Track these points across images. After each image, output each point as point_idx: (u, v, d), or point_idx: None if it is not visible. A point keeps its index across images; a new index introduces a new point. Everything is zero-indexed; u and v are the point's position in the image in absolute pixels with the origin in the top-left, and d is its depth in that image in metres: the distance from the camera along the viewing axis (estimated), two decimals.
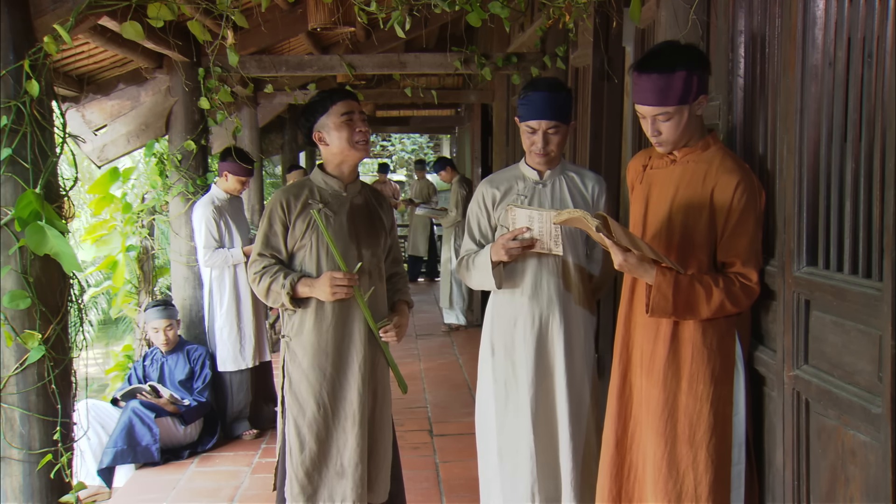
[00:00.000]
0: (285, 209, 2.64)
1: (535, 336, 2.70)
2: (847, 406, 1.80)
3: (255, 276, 2.64)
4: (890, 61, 1.62)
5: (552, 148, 2.69)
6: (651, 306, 2.12)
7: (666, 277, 2.10)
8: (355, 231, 2.69)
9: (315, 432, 2.63)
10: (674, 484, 2.15)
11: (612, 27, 3.94)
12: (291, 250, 2.67)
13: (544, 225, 2.58)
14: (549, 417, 2.71)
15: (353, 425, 2.64)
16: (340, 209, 2.69)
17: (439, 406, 5.26)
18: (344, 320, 2.65)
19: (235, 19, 3.44)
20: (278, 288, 2.59)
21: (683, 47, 2.18)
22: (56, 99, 2.98)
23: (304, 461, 2.63)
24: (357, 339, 2.66)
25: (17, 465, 2.80)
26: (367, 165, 22.23)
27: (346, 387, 2.65)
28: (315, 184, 2.72)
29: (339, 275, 2.56)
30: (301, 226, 2.64)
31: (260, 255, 2.66)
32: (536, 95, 2.64)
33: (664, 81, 2.08)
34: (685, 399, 2.16)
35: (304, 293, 2.61)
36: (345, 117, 2.63)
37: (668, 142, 2.19)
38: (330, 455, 2.64)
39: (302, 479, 2.62)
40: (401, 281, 2.95)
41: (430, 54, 5.62)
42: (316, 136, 2.67)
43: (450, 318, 7.87)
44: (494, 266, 2.67)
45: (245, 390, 4.67)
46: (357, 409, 2.64)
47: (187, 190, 4.91)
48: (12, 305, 2.72)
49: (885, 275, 1.63)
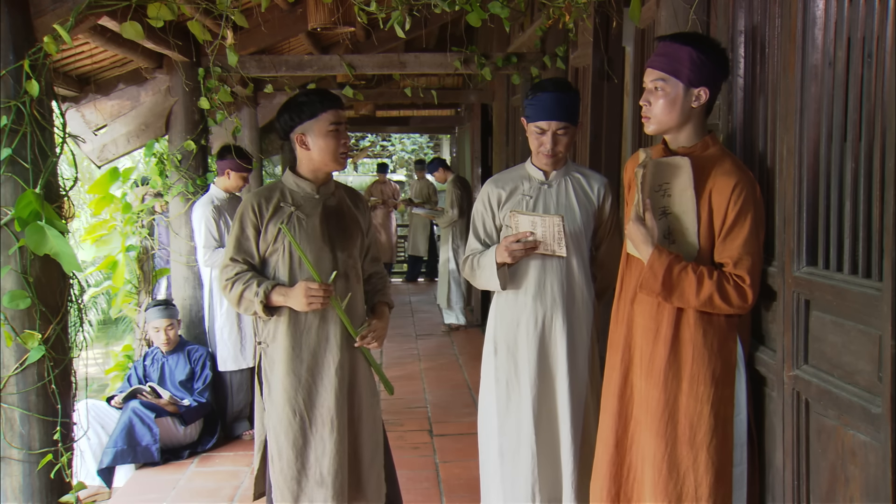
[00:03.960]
0: (257, 212, 2.57)
1: (537, 336, 2.70)
2: (847, 406, 1.80)
3: (227, 283, 2.57)
4: (890, 61, 1.62)
5: (560, 149, 2.70)
6: (640, 283, 2.17)
7: (661, 258, 2.13)
8: (329, 234, 2.63)
9: (292, 440, 2.57)
10: (674, 485, 2.15)
11: (612, 27, 3.94)
12: (263, 255, 2.61)
13: (547, 229, 2.59)
14: (550, 418, 2.71)
15: (332, 432, 2.58)
16: (313, 212, 2.63)
17: (439, 406, 5.26)
18: (319, 325, 2.60)
19: (235, 19, 3.44)
20: (251, 296, 2.52)
21: (710, 39, 2.23)
22: (56, 99, 2.98)
23: (283, 469, 2.58)
24: (333, 344, 2.61)
25: (17, 465, 2.80)
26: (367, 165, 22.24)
27: (322, 393, 2.59)
28: (287, 186, 2.65)
29: (315, 285, 2.50)
30: (273, 230, 2.57)
31: (232, 259, 2.59)
32: (546, 96, 2.64)
33: (674, 49, 2.14)
34: (686, 400, 2.16)
35: (278, 302, 2.54)
36: (333, 127, 2.56)
37: (654, 118, 2.20)
38: (309, 463, 2.58)
39: (282, 487, 2.58)
40: (380, 281, 2.88)
41: (430, 54, 5.62)
42: (297, 137, 2.58)
43: (450, 318, 7.87)
44: (499, 268, 2.67)
45: (245, 390, 4.67)
46: (335, 416, 2.58)
47: (187, 190, 4.91)
48: (12, 305, 2.72)
49: (885, 275, 1.63)
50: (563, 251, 2.61)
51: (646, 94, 2.21)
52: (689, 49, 2.12)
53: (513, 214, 2.66)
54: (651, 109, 2.19)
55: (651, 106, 2.19)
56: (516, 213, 2.65)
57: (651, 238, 2.16)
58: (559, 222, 2.59)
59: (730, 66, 2.26)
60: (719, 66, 2.17)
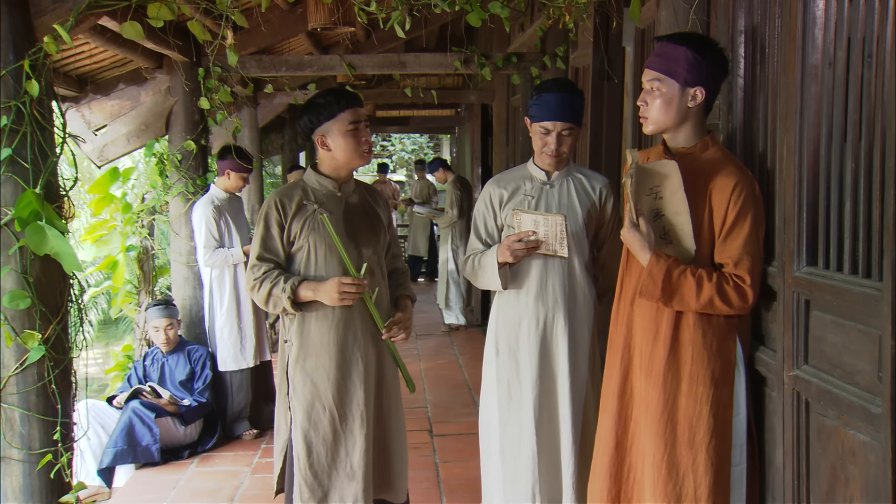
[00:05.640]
0: (281, 211, 2.60)
1: (539, 337, 2.70)
2: (847, 406, 1.80)
3: (255, 283, 2.59)
4: (890, 61, 1.62)
5: (564, 149, 2.70)
6: (640, 289, 2.17)
7: (659, 263, 2.13)
8: (353, 231, 2.66)
9: (322, 435, 2.60)
10: (673, 486, 2.15)
11: (612, 27, 3.94)
12: (288, 253, 2.64)
13: (550, 228, 2.59)
14: (551, 418, 2.71)
15: (361, 426, 2.61)
16: (336, 209, 2.66)
17: (439, 406, 5.26)
18: (347, 321, 2.62)
19: (235, 19, 3.44)
20: (279, 292, 2.54)
21: (708, 39, 2.23)
22: (56, 99, 2.98)
23: (312, 464, 2.60)
24: (361, 339, 2.64)
25: (17, 465, 2.80)
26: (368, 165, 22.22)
27: (351, 388, 2.63)
28: (309, 184, 2.67)
29: (348, 280, 2.53)
30: (297, 227, 2.60)
31: (259, 259, 2.61)
32: (551, 96, 2.64)
33: (670, 49, 2.15)
34: (685, 401, 2.16)
35: (306, 297, 2.57)
36: (352, 126, 2.57)
37: (651, 118, 2.20)
38: (339, 457, 2.61)
39: (312, 482, 2.59)
40: (402, 276, 2.92)
41: (430, 54, 5.62)
42: (318, 139, 2.61)
43: (449, 318, 7.87)
44: (500, 267, 2.67)
45: (245, 390, 4.68)
46: (364, 410, 2.62)
47: (187, 190, 4.91)
48: (12, 305, 2.72)
49: (885, 275, 1.63)
50: (565, 251, 2.61)
51: (643, 94, 2.22)
52: (685, 49, 2.12)
53: (516, 213, 2.66)
54: (648, 110, 2.20)
55: (648, 106, 2.19)
56: (519, 211, 2.65)
57: (648, 243, 2.16)
58: (562, 221, 2.59)
59: (729, 65, 2.26)
60: (716, 65, 2.16)
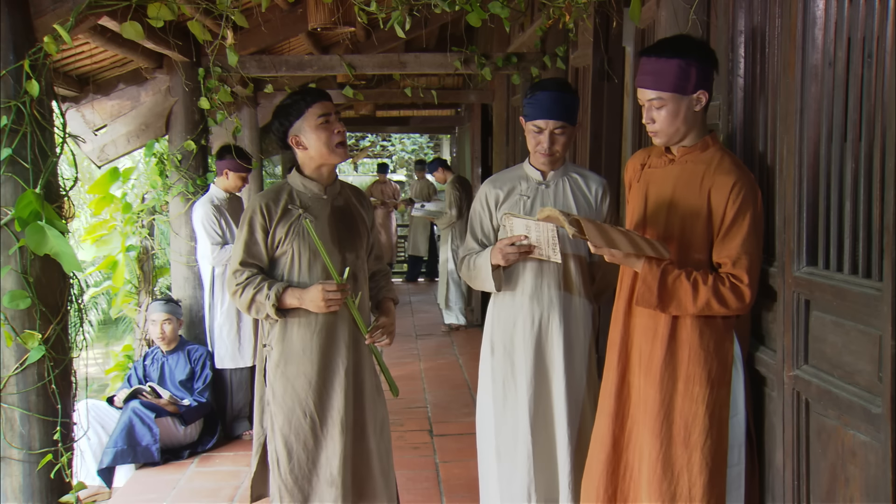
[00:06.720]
0: (265, 215, 2.55)
1: (534, 337, 2.70)
2: (847, 406, 1.80)
3: (238, 288, 2.54)
4: (890, 61, 1.62)
5: (557, 148, 2.69)
6: (636, 297, 2.16)
7: (652, 270, 2.12)
8: (338, 235, 2.62)
9: (303, 441, 2.57)
10: (668, 485, 2.15)
11: (612, 27, 3.94)
12: (272, 257, 2.59)
13: (541, 234, 2.55)
14: (547, 418, 2.71)
15: (342, 433, 2.58)
16: (322, 213, 2.61)
17: (439, 406, 5.26)
18: (330, 327, 2.59)
19: (235, 19, 3.44)
20: (262, 299, 2.51)
21: (689, 39, 2.21)
22: (56, 99, 2.98)
23: (292, 469, 2.57)
24: (342, 345, 2.61)
25: (17, 465, 2.80)
26: (367, 165, 22.24)
27: (332, 394, 2.59)
28: (294, 187, 2.63)
29: (332, 286, 2.49)
30: (282, 233, 2.55)
31: (242, 264, 2.56)
32: (544, 95, 2.64)
33: (660, 65, 2.12)
34: (681, 401, 2.16)
35: (291, 304, 2.53)
36: (321, 119, 2.54)
37: (661, 132, 2.19)
38: (319, 463, 2.59)
39: (291, 487, 2.57)
40: (384, 278, 2.88)
41: (430, 54, 5.62)
42: (293, 140, 2.57)
43: (449, 318, 7.87)
44: (494, 269, 2.67)
45: (245, 389, 4.68)
46: (344, 416, 2.59)
47: (187, 190, 4.91)
48: (12, 305, 2.72)
49: (885, 275, 1.63)
50: (558, 257, 2.58)
51: (646, 111, 2.20)
52: (676, 61, 2.10)
53: (507, 217, 2.63)
54: (655, 125, 2.19)
55: (655, 123, 2.18)
56: (511, 216, 2.62)
57: (630, 254, 2.14)
58: (553, 228, 2.53)
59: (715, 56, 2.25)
60: (707, 63, 2.16)
